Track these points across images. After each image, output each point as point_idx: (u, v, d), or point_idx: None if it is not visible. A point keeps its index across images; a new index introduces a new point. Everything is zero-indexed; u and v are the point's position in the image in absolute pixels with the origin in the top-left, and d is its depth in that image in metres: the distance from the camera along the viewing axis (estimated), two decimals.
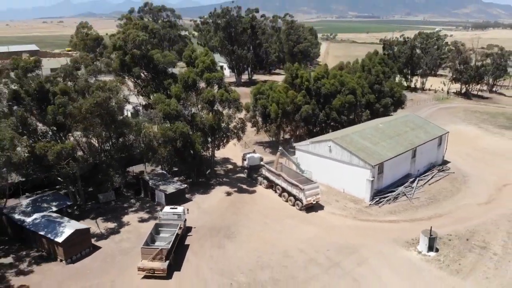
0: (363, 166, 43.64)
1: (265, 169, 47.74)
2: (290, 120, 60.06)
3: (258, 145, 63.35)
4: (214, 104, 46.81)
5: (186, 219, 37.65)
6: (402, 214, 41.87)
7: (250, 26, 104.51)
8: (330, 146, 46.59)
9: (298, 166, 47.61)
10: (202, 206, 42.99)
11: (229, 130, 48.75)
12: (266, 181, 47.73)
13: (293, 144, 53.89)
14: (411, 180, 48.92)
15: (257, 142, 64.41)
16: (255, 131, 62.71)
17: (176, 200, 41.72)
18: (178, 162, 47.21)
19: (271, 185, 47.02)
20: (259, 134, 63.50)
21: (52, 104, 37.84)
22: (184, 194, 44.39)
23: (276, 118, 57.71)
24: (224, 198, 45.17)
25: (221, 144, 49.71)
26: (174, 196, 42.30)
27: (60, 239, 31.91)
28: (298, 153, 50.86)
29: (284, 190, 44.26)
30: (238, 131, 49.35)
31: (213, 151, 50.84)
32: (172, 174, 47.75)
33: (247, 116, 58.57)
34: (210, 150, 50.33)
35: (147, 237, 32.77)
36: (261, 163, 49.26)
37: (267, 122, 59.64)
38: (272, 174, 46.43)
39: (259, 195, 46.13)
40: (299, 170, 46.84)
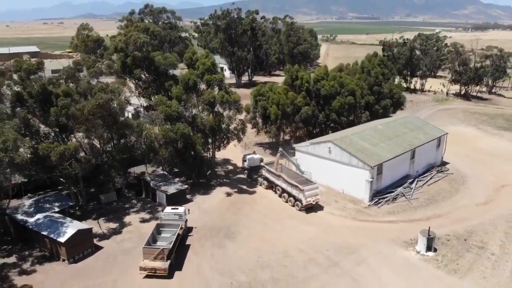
0: (362, 167, 43.97)
1: (265, 170, 48.04)
2: (290, 121, 60.35)
3: (258, 146, 63.67)
4: (215, 105, 47.13)
5: (187, 220, 37.92)
6: (401, 215, 42.15)
7: (250, 27, 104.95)
8: (329, 147, 46.92)
9: (298, 167, 47.92)
10: (202, 207, 43.30)
11: (229, 131, 49.06)
12: (266, 181, 48.03)
13: (293, 145, 54.13)
14: (410, 181, 49.21)
15: (257, 143, 64.70)
16: (255, 132, 62.91)
17: (177, 200, 42.01)
18: (179, 163, 47.48)
19: (271, 185, 47.32)
20: (259, 135, 63.71)
21: (55, 105, 38.21)
22: (185, 194, 44.68)
23: (276, 120, 57.93)
24: (224, 198, 45.50)
25: (221, 145, 50.02)
26: (175, 196, 42.58)
27: (62, 239, 32.17)
28: (298, 154, 51.17)
29: (284, 190, 44.54)
30: (238, 132, 49.66)
31: (213, 152, 51.16)
32: (173, 175, 48.03)
33: (247, 117, 58.92)
34: (211, 151, 50.65)
35: (149, 237, 33.03)
36: (261, 164, 49.50)
37: (267, 123, 59.84)
38: (272, 175, 46.73)
39: (259, 196, 46.44)
40: (299, 171, 47.12)
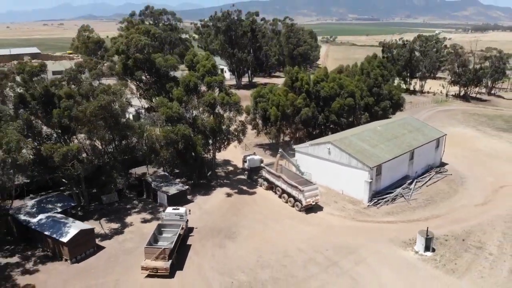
0: (362, 168, 44.32)
1: (265, 170, 48.38)
2: (290, 122, 60.68)
3: (258, 147, 64.05)
4: (215, 107, 47.49)
5: (188, 220, 38.30)
6: (399, 215, 42.48)
7: (250, 29, 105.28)
8: (329, 148, 47.28)
9: (298, 168, 48.26)
10: (203, 207, 43.64)
11: (229, 132, 49.41)
12: (266, 182, 48.38)
13: (292, 146, 54.44)
14: (409, 181, 49.54)
15: (257, 144, 65.07)
16: (256, 134, 63.13)
17: (178, 201, 42.33)
18: (179, 164, 47.77)
19: (271, 186, 47.67)
20: (260, 136, 63.95)
21: (57, 107, 38.55)
22: (185, 195, 45.02)
23: (276, 121, 58.21)
24: (225, 199, 45.84)
25: (222, 146, 50.36)
26: (176, 197, 42.91)
27: (65, 239, 32.49)
28: (297, 155, 51.49)
29: (284, 191, 44.86)
30: (238, 134, 49.99)
31: (214, 153, 51.50)
32: (174, 176, 48.37)
33: (248, 118, 59.21)
34: (211, 152, 51.00)
35: (150, 237, 33.34)
36: (261, 165, 49.82)
37: (267, 124, 60.10)
38: (272, 176, 47.08)
39: (259, 196, 46.78)
40: (299, 172, 47.46)
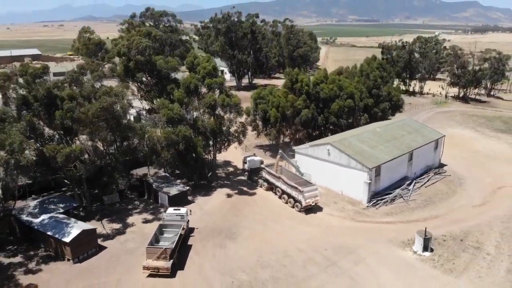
0: (361, 169, 44.65)
1: (265, 171, 48.74)
2: (289, 124, 61.05)
3: (258, 148, 64.40)
4: (216, 108, 47.86)
5: (189, 220, 38.64)
6: (398, 216, 42.82)
7: (250, 31, 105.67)
8: (328, 150, 47.63)
9: (298, 169, 48.50)
10: (204, 208, 43.99)
11: (230, 133, 49.75)
12: (266, 183, 48.72)
13: (292, 147, 54.76)
14: (408, 182, 49.88)
15: (257, 146, 65.40)
16: (256, 135, 63.46)
17: (179, 201, 42.66)
18: (180, 165, 48.09)
19: (271, 187, 48.01)
20: (260, 137, 64.28)
21: (60, 109, 38.88)
22: (186, 196, 45.35)
23: (276, 122, 58.57)
24: (225, 200, 46.19)
25: (222, 147, 50.69)
26: (177, 198, 43.23)
27: (67, 239, 32.86)
28: (297, 156, 51.81)
29: (284, 192, 45.20)
30: (239, 135, 50.36)
31: (214, 154, 51.85)
32: (174, 177, 48.71)
33: (248, 120, 59.57)
34: (212, 153, 51.34)
35: (152, 237, 33.68)
36: (261, 166, 50.17)
37: (267, 126, 60.46)
38: (272, 177, 47.44)
39: (260, 197, 47.11)
40: (299, 173, 47.66)
